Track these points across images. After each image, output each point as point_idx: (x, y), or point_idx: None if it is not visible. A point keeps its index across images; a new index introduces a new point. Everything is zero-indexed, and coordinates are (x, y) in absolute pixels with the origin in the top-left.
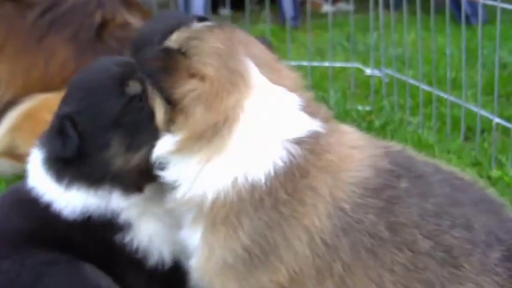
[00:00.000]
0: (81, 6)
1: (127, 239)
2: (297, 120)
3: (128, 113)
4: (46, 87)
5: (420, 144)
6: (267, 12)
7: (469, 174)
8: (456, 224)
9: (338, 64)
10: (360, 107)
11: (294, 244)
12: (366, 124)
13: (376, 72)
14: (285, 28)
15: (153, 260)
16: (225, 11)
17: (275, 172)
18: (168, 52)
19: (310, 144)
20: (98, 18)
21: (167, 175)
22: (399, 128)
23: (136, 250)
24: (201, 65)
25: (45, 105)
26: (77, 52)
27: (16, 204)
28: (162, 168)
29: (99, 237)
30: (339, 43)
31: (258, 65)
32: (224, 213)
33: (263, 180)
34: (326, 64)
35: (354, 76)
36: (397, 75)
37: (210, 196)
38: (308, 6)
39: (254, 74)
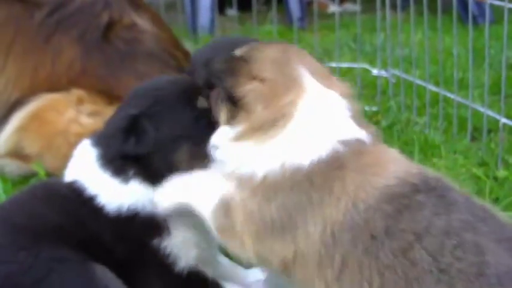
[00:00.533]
0: (89, 7)
1: (164, 242)
2: (345, 124)
3: (198, 124)
4: (53, 87)
5: (427, 145)
6: (273, 12)
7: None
8: (464, 247)
9: (345, 64)
10: (366, 108)
11: (309, 229)
12: (372, 124)
13: (383, 73)
14: (291, 29)
15: (180, 265)
16: (232, 12)
17: (318, 161)
18: (233, 58)
19: (353, 147)
20: (105, 18)
21: (220, 155)
22: (406, 128)
23: (169, 254)
24: (260, 70)
25: (52, 105)
26: (84, 52)
27: (48, 197)
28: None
29: (134, 238)
30: (345, 43)
31: (310, 72)
32: (266, 186)
33: (306, 166)
34: (333, 64)
35: (361, 76)
36: (404, 75)
37: (259, 173)
38: (315, 7)
39: (307, 78)
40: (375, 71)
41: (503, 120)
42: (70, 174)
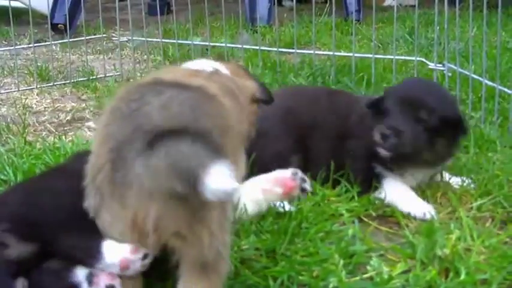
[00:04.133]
0: None
1: None
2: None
3: None
4: None
5: (482, 139)
6: (332, 5)
7: None
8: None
9: (402, 57)
10: None
11: None
12: None
13: (439, 66)
14: (348, 21)
15: None
16: (290, 3)
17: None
18: None
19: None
20: None
21: None
22: None
23: None
24: None
25: None
26: None
27: None
28: None
29: None
30: (401, 36)
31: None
32: None
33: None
34: (390, 57)
35: (417, 69)
36: (460, 69)
37: None
38: (372, 0)
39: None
40: (431, 65)
41: None
42: None
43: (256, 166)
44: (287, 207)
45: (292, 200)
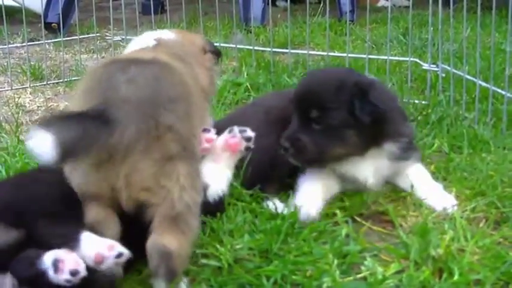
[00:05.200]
0: None
1: None
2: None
3: None
4: None
5: (476, 139)
6: (326, 5)
7: None
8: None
9: (396, 58)
10: (416, 101)
11: None
12: (422, 118)
13: (433, 67)
14: (341, 21)
15: None
16: (283, 3)
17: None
18: None
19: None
20: None
21: None
22: (455, 122)
23: None
24: None
25: None
26: None
27: None
28: None
29: None
30: (394, 37)
31: None
32: None
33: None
34: (384, 57)
35: (411, 70)
36: (454, 70)
37: None
38: (365, 0)
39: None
40: (425, 65)
41: None
42: None
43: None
44: (280, 208)
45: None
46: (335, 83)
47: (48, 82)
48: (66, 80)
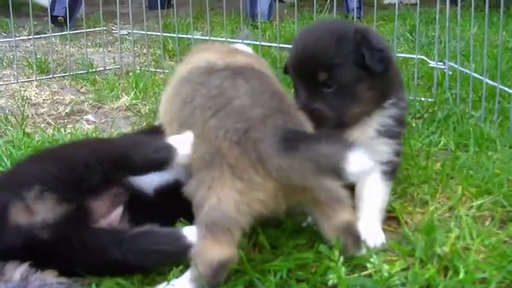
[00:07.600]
0: None
1: None
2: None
3: None
4: None
5: (482, 138)
6: (334, 3)
7: None
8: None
9: (403, 55)
10: (422, 98)
11: None
12: (428, 115)
13: (440, 65)
14: (349, 18)
15: None
16: None
17: None
18: None
19: None
20: None
21: None
22: (461, 120)
23: None
24: None
25: None
26: None
27: None
28: None
29: None
30: (401, 34)
31: None
32: None
33: None
34: None
35: (417, 67)
36: (461, 68)
37: None
38: None
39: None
40: (432, 63)
41: None
42: None
43: None
44: None
45: None
46: (335, 37)
47: (54, 75)
48: (72, 73)
